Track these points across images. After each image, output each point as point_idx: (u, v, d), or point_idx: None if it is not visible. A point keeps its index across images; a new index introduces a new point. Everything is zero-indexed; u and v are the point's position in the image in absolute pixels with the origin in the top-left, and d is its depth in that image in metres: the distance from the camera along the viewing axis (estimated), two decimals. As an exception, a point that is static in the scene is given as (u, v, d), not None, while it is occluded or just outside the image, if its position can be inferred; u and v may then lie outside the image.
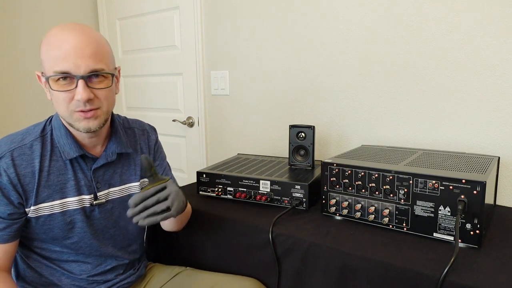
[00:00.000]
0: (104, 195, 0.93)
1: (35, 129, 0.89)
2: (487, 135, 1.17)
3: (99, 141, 0.92)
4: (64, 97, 0.81)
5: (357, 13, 1.35)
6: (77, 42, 0.79)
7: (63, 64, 0.78)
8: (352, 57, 1.39)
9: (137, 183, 1.00)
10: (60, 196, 0.87)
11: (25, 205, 0.84)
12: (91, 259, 0.94)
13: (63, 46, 0.78)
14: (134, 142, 1.02)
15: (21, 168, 0.83)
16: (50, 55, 0.79)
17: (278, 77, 1.60)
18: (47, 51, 0.80)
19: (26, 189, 0.84)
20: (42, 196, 0.85)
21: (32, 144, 0.86)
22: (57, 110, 0.85)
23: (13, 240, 0.85)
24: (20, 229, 0.86)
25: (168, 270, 1.11)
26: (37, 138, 0.87)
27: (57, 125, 0.88)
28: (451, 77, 1.20)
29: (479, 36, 1.14)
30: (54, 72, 0.79)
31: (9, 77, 1.98)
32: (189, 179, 2.01)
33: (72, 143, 0.87)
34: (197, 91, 1.91)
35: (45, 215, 0.86)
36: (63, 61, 0.78)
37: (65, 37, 0.79)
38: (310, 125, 1.28)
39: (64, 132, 0.88)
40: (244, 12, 1.66)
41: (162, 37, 2.00)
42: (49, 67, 0.80)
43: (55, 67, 0.79)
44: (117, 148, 0.94)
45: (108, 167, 0.94)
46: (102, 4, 2.28)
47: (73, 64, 0.79)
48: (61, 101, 0.81)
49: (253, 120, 1.73)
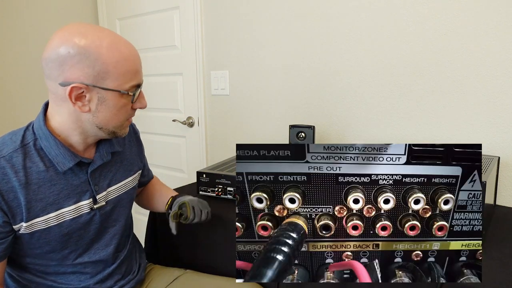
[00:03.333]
0: (103, 197, 0.90)
1: (13, 138, 0.80)
2: (487, 135, 1.17)
3: (92, 143, 0.89)
4: (128, 109, 0.84)
5: (357, 14, 1.35)
6: (137, 52, 0.83)
7: (139, 77, 0.83)
8: (352, 57, 1.39)
9: (131, 178, 0.99)
10: (55, 208, 0.82)
11: (12, 222, 0.77)
12: (89, 268, 0.91)
13: (135, 60, 0.81)
14: (122, 139, 0.99)
15: (3, 184, 0.75)
16: (128, 69, 0.80)
17: (278, 77, 1.61)
18: (121, 66, 0.78)
19: (11, 205, 0.76)
20: (35, 210, 0.79)
21: (12, 156, 0.77)
22: (105, 121, 0.82)
23: (1, 260, 0.79)
24: (8, 248, 0.79)
25: (168, 273, 1.08)
26: (17, 149, 0.78)
27: (43, 134, 0.81)
28: (451, 77, 1.20)
29: (479, 36, 1.14)
30: (131, 86, 0.81)
31: (8, 77, 1.98)
32: (189, 179, 2.01)
33: (65, 152, 0.81)
34: (197, 91, 1.91)
35: (40, 230, 0.80)
36: (139, 74, 0.83)
37: (131, 49, 0.81)
38: (310, 125, 1.28)
39: (53, 142, 0.80)
40: (244, 12, 1.66)
41: (162, 37, 2.00)
42: (125, 81, 0.80)
43: (134, 81, 0.81)
44: (110, 147, 0.92)
45: (104, 168, 0.91)
46: (102, 4, 2.28)
47: (142, 76, 0.84)
48: (124, 113, 0.84)
49: (253, 120, 1.73)
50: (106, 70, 0.77)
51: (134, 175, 1.02)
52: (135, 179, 1.02)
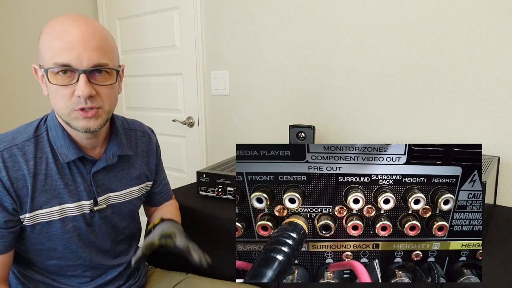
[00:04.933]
0: (104, 200, 0.88)
1: (28, 128, 0.82)
2: (487, 135, 1.17)
3: (98, 142, 0.87)
4: (64, 93, 0.74)
5: (357, 14, 1.35)
6: (81, 33, 0.73)
7: (64, 56, 0.72)
8: (352, 57, 1.39)
9: (136, 187, 0.96)
10: (59, 202, 0.81)
11: (19, 211, 0.78)
12: (90, 272, 0.90)
13: (66, 37, 0.72)
14: (135, 144, 0.97)
15: (13, 171, 0.76)
16: (51, 45, 0.73)
17: (278, 77, 1.61)
18: (47, 41, 0.73)
19: (19, 194, 0.77)
20: (39, 201, 0.79)
21: (24, 145, 0.79)
22: (54, 107, 0.78)
23: (9, 251, 0.79)
24: (16, 238, 0.80)
25: (169, 277, 1.06)
26: (30, 139, 0.80)
27: (53, 125, 0.82)
28: (451, 77, 1.20)
29: (480, 36, 1.14)
30: (54, 64, 0.73)
31: (7, 76, 1.98)
32: (189, 179, 2.01)
33: (70, 144, 0.81)
34: (197, 91, 1.91)
35: (42, 223, 0.80)
36: (65, 52, 0.72)
37: (69, 27, 0.73)
38: (310, 125, 1.28)
39: (61, 132, 0.81)
40: (244, 12, 1.66)
41: (162, 37, 2.00)
42: (49, 58, 0.73)
43: (56, 58, 0.72)
44: (118, 150, 0.89)
45: (109, 170, 0.89)
46: (102, 4, 2.28)
47: (76, 57, 0.72)
48: (60, 97, 0.75)
49: (253, 120, 1.73)
50: (40, 47, 0.75)
51: (140, 185, 0.98)
52: (141, 189, 0.98)
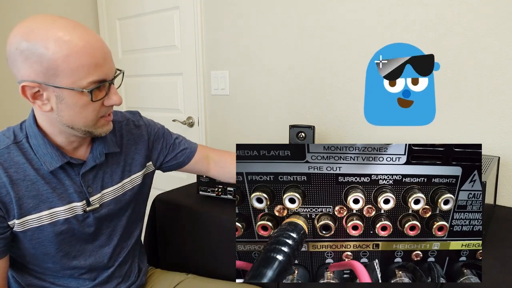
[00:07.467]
0: (97, 199, 0.87)
1: (6, 134, 0.80)
2: (487, 135, 1.17)
3: (84, 143, 0.85)
4: (95, 106, 0.76)
5: (357, 14, 1.35)
6: (100, 44, 0.73)
7: (100, 72, 0.73)
8: (352, 57, 1.39)
9: (129, 178, 0.94)
10: (48, 206, 0.80)
11: (6, 218, 0.77)
12: (87, 273, 0.89)
13: (93, 53, 0.72)
14: (119, 137, 0.94)
15: None
16: (82, 64, 0.71)
17: (278, 77, 1.60)
18: (72, 61, 0.70)
19: (4, 200, 0.76)
20: (27, 207, 0.78)
21: (3, 152, 0.77)
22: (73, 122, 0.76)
23: (3, 256, 0.79)
24: (7, 245, 0.79)
25: (169, 278, 1.06)
26: (10, 146, 0.78)
27: (32, 132, 0.79)
28: (451, 77, 1.20)
29: (479, 36, 1.14)
30: (89, 83, 0.72)
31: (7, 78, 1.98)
32: (189, 179, 2.01)
33: (53, 152, 0.79)
34: (197, 91, 1.90)
35: (32, 228, 0.79)
36: (100, 68, 0.73)
37: (89, 41, 0.72)
38: (310, 125, 1.28)
39: (41, 140, 0.79)
40: (244, 12, 1.66)
41: (162, 37, 2.00)
42: (80, 77, 0.71)
43: (92, 76, 0.72)
44: (104, 148, 0.87)
45: (98, 169, 0.87)
46: (102, 4, 2.28)
47: (108, 70, 0.75)
48: (91, 111, 0.76)
49: (253, 120, 1.72)
50: (55, 66, 0.70)
51: (136, 174, 0.96)
52: (137, 177, 0.97)
